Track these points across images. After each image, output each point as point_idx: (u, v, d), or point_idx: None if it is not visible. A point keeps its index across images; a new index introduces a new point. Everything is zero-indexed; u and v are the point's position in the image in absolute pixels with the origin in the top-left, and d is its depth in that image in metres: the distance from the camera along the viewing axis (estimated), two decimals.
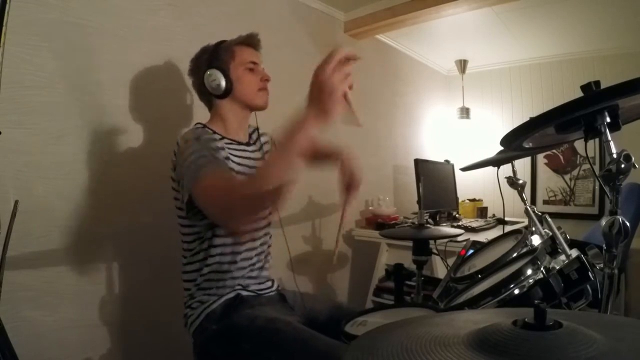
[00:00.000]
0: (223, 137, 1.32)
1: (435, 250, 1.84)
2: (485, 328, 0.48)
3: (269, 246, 1.42)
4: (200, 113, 1.74)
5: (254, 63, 1.35)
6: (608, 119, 0.81)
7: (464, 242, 1.90)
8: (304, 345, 1.07)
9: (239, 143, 1.36)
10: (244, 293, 1.26)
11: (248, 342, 1.13)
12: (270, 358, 1.09)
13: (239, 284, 1.28)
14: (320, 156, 1.33)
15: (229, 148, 1.29)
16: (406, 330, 0.55)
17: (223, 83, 1.31)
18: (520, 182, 1.43)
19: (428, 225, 1.75)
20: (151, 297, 1.59)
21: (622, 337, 0.46)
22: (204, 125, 1.34)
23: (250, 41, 1.38)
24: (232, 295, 1.25)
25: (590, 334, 0.45)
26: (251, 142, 1.43)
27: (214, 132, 1.31)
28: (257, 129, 1.47)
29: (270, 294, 1.34)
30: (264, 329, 1.13)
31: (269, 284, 1.37)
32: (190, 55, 1.75)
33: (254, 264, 1.33)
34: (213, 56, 1.34)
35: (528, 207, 1.34)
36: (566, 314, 0.52)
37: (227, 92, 1.32)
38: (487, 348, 0.44)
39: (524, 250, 1.24)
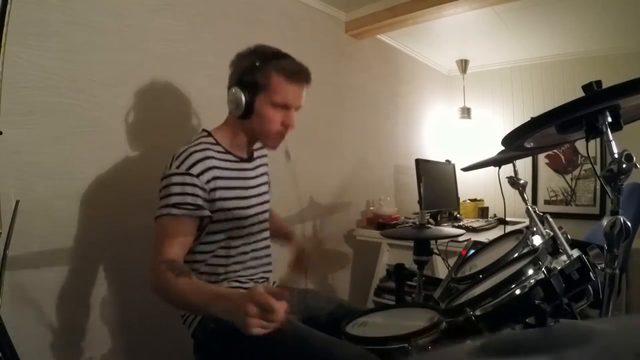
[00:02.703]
0: (226, 152, 1.28)
1: (436, 251, 1.83)
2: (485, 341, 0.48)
3: (267, 247, 1.42)
4: (200, 113, 1.75)
5: (286, 104, 1.24)
6: (609, 119, 0.81)
7: (465, 242, 1.90)
8: (302, 342, 1.07)
9: (240, 159, 1.33)
10: (242, 291, 1.26)
11: (247, 339, 1.13)
12: (269, 355, 1.09)
13: (235, 282, 1.28)
14: (275, 235, 1.46)
15: (228, 168, 1.27)
16: None
17: (242, 109, 1.21)
18: (522, 182, 1.42)
19: (429, 225, 1.75)
20: (151, 297, 1.59)
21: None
22: (208, 133, 1.29)
23: (296, 78, 1.23)
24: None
25: (590, 326, 0.45)
26: (253, 157, 1.41)
27: (217, 144, 1.28)
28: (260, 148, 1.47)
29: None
30: None
31: (266, 282, 1.37)
32: (191, 55, 1.77)
33: (250, 262, 1.33)
34: (249, 71, 1.21)
35: (529, 207, 1.33)
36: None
37: (243, 117, 1.24)
38: (489, 349, 0.44)
39: (525, 250, 1.24)
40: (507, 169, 1.47)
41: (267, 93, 1.21)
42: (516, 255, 1.22)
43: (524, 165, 3.42)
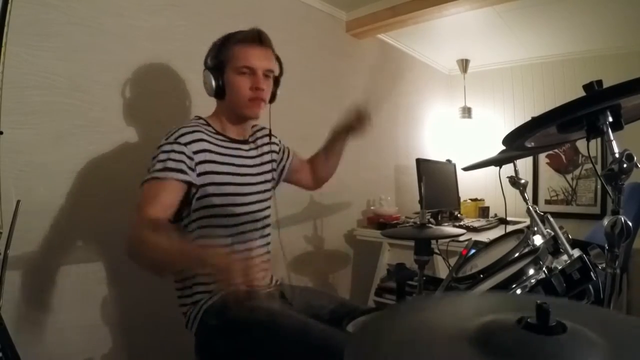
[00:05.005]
0: (217, 133, 1.32)
1: (437, 250, 1.83)
2: (489, 325, 0.48)
3: (268, 243, 1.42)
4: (201, 113, 1.75)
5: (249, 67, 1.27)
6: (610, 119, 0.81)
7: (466, 242, 1.90)
8: (302, 334, 1.07)
9: (233, 140, 1.35)
10: (242, 288, 1.26)
11: (248, 334, 1.13)
12: (270, 349, 1.09)
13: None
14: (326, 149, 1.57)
15: (219, 145, 1.29)
16: (409, 320, 0.55)
17: (213, 87, 1.28)
18: (522, 181, 1.42)
19: (430, 225, 1.74)
20: (152, 296, 1.59)
21: (626, 341, 0.46)
22: (200, 117, 1.34)
23: (249, 40, 1.27)
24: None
25: (594, 339, 0.44)
26: (250, 141, 1.42)
27: (209, 125, 1.32)
28: (270, 134, 1.48)
29: (269, 289, 1.34)
30: (263, 321, 1.13)
31: (267, 280, 1.37)
32: (191, 55, 1.76)
33: (249, 256, 1.32)
34: (214, 53, 1.30)
35: (530, 206, 1.33)
36: (572, 308, 0.51)
37: (220, 96, 1.30)
38: (490, 349, 0.44)
39: (526, 250, 1.24)
40: (507, 169, 1.47)
41: (230, 64, 1.27)
42: (517, 255, 1.22)
43: (524, 165, 3.41)
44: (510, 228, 1.79)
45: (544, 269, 0.93)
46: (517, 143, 1.00)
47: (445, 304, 0.62)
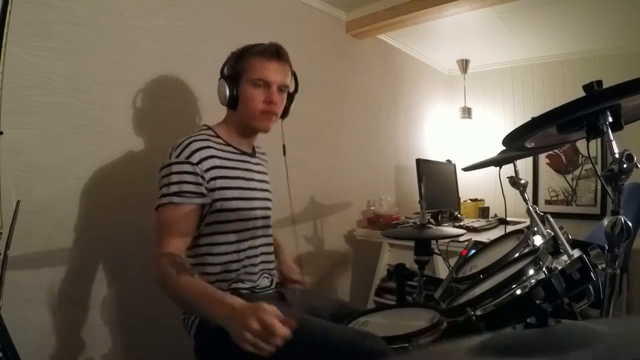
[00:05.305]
0: (227, 144, 1.32)
1: (437, 251, 1.83)
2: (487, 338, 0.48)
3: (269, 245, 1.42)
4: (201, 113, 1.75)
5: (263, 80, 1.27)
6: (610, 119, 0.81)
7: (466, 242, 1.90)
8: (306, 336, 1.06)
9: (242, 152, 1.36)
10: (242, 291, 1.26)
11: None
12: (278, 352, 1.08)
13: (235, 282, 1.28)
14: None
15: (228, 158, 1.29)
16: None
17: (227, 96, 1.28)
18: (522, 182, 1.42)
19: (430, 225, 1.75)
20: (151, 297, 1.59)
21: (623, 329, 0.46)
22: (208, 127, 1.34)
23: (267, 54, 1.28)
24: (228, 293, 1.24)
25: (592, 326, 0.44)
26: (256, 154, 1.44)
27: (217, 136, 1.31)
28: (284, 149, 1.50)
29: (269, 291, 1.34)
30: None
31: (267, 282, 1.37)
32: (191, 55, 1.77)
33: (251, 263, 1.32)
34: (231, 63, 1.31)
35: (530, 207, 1.33)
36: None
37: (232, 106, 1.31)
38: (489, 349, 0.44)
39: (526, 250, 1.24)
40: (507, 169, 1.47)
41: (246, 76, 1.27)
42: (517, 255, 1.22)
43: (524, 165, 3.41)
44: (510, 228, 1.79)
45: (543, 269, 0.93)
46: (517, 143, 1.01)
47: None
